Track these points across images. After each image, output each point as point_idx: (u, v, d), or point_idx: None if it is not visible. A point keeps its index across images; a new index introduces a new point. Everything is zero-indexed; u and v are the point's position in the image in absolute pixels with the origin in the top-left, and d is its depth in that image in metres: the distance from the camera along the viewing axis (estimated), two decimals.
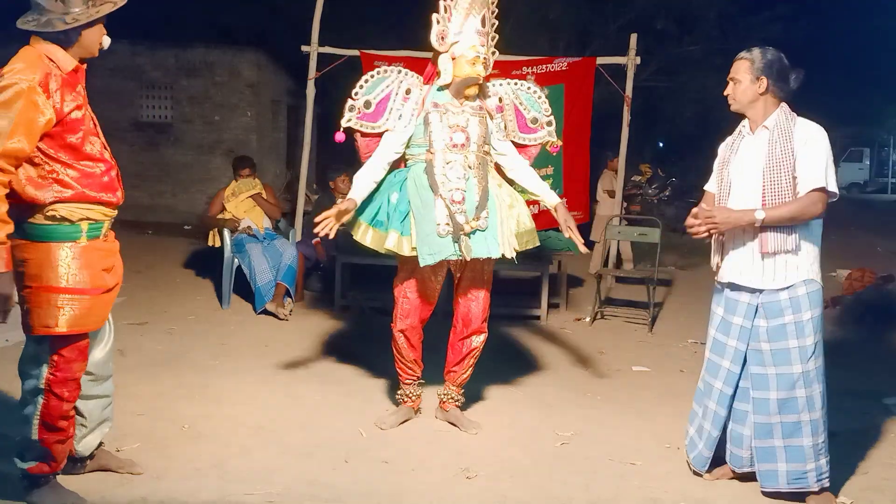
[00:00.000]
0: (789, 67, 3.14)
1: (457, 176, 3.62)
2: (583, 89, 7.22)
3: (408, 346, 3.80)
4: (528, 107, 3.89)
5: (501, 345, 5.38)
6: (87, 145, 2.74)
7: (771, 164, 3.05)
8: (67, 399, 2.78)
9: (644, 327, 6.34)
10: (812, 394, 3.06)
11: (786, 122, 3.09)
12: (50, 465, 2.82)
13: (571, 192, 7.30)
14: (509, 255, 3.66)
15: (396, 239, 3.63)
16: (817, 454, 3.07)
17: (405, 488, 3.20)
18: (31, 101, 2.54)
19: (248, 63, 12.45)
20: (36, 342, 2.75)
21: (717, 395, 3.27)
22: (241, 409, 3.99)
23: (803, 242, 3.06)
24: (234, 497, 3.04)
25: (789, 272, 3.06)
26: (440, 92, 3.69)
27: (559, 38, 11.19)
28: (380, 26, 12.24)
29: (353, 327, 5.91)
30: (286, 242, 6.52)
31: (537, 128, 3.90)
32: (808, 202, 3.00)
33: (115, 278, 2.88)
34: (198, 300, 6.59)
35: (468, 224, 3.57)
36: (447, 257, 3.57)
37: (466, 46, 3.57)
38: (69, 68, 2.69)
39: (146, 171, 12.35)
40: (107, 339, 3.03)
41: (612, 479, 3.38)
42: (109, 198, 2.79)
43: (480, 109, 3.71)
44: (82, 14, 2.65)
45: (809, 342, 3.05)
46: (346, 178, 6.90)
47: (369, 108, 3.72)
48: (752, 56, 3.14)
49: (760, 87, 3.11)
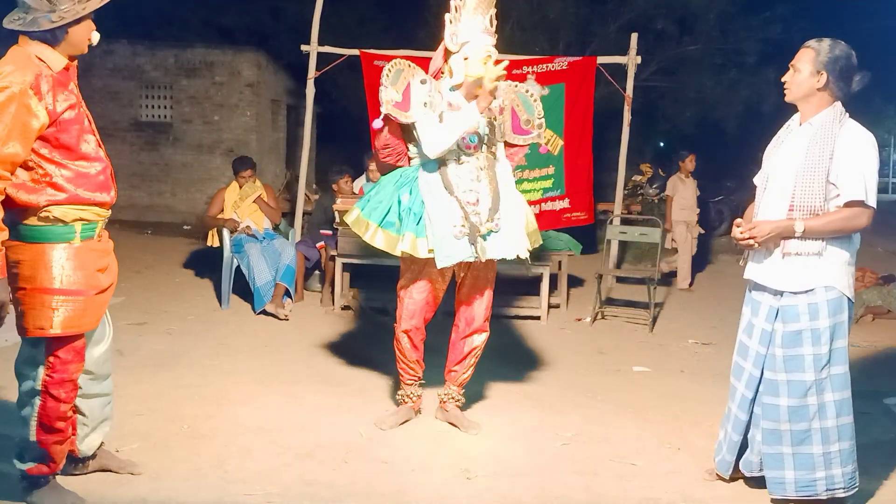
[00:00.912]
0: (855, 67, 2.98)
1: (470, 178, 3.62)
2: (583, 89, 7.22)
3: (411, 346, 3.79)
4: (524, 108, 3.88)
5: (501, 345, 5.37)
6: (83, 144, 2.72)
7: (805, 166, 2.92)
8: (65, 400, 2.77)
9: (644, 327, 6.34)
10: (824, 401, 2.96)
11: (831, 124, 2.94)
12: (49, 465, 2.81)
13: (573, 193, 7.30)
14: (524, 255, 3.67)
15: (412, 241, 3.59)
16: (829, 463, 2.96)
17: (405, 488, 3.20)
18: (23, 104, 2.51)
19: (248, 63, 12.45)
20: (32, 344, 2.73)
21: (739, 398, 3.20)
22: (241, 409, 3.98)
23: (830, 248, 2.93)
24: (234, 497, 3.04)
25: (810, 276, 2.95)
26: (453, 92, 3.67)
27: (559, 38, 11.18)
28: (380, 26, 12.25)
29: (353, 327, 5.91)
30: (285, 242, 6.52)
31: (529, 129, 3.89)
32: (849, 216, 2.88)
33: (109, 278, 2.86)
34: (197, 300, 6.58)
35: (483, 226, 3.58)
36: (465, 259, 3.58)
37: (478, 46, 3.57)
38: (59, 67, 2.66)
39: (146, 171, 12.35)
40: (105, 337, 3.02)
41: (613, 479, 3.38)
42: (103, 198, 2.77)
43: (490, 110, 3.70)
44: (68, 11, 2.60)
45: (825, 350, 2.94)
46: (349, 179, 6.91)
47: (399, 98, 3.67)
48: (820, 47, 2.97)
49: (819, 82, 2.96)
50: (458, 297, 3.85)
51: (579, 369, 5.06)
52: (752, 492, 3.27)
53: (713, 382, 4.89)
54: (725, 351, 5.67)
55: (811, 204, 2.92)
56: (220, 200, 6.63)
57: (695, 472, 3.46)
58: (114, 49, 11.87)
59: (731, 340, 5.92)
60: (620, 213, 7.71)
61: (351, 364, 4.82)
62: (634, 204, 11.90)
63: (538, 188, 7.18)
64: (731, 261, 10.28)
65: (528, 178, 7.04)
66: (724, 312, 7.05)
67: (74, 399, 2.84)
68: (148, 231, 10.63)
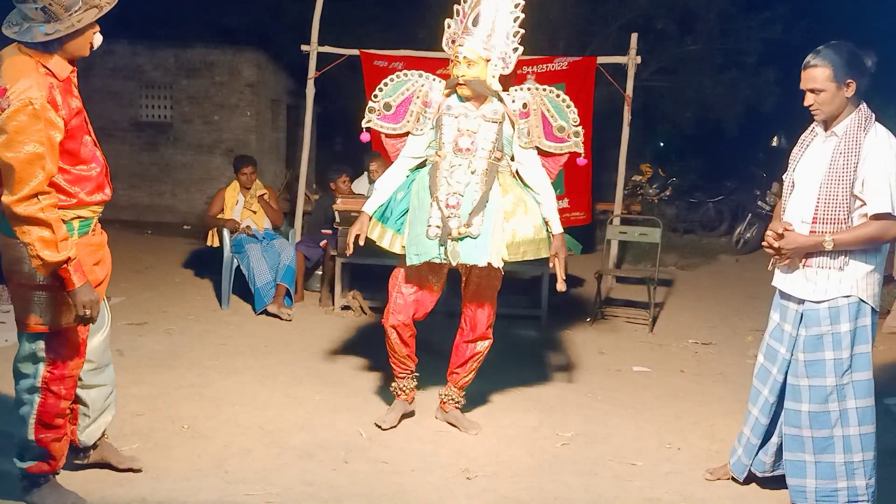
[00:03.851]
0: (864, 55, 2.93)
1: (458, 180, 3.61)
2: (583, 89, 7.21)
3: (400, 342, 3.77)
4: (556, 115, 3.81)
5: (502, 345, 5.34)
6: (83, 148, 2.73)
7: (829, 179, 2.90)
8: (64, 397, 2.78)
9: (644, 327, 6.33)
10: (846, 408, 2.95)
11: (856, 132, 2.90)
12: (49, 463, 2.82)
13: (573, 193, 7.30)
14: (496, 264, 3.59)
15: (391, 236, 3.72)
16: (851, 473, 2.94)
17: (405, 488, 3.20)
18: (47, 119, 2.52)
19: (248, 63, 12.43)
20: (31, 340, 2.74)
21: (762, 402, 3.19)
22: (241, 409, 3.99)
23: (853, 261, 2.92)
24: (234, 497, 3.04)
25: (830, 286, 2.94)
26: (454, 95, 3.70)
27: (559, 38, 11.16)
28: (380, 26, 12.23)
29: (353, 327, 5.91)
30: (285, 243, 6.52)
31: (564, 137, 3.81)
32: (878, 229, 2.85)
33: (104, 270, 2.89)
34: (197, 300, 6.58)
35: (458, 230, 3.56)
36: (431, 259, 3.58)
37: (457, 48, 3.60)
38: (65, 75, 2.66)
39: (146, 170, 12.33)
40: (104, 325, 3.03)
41: (613, 479, 3.38)
42: (102, 197, 2.81)
43: (495, 114, 3.66)
44: (62, 24, 2.57)
45: (846, 355, 2.93)
46: (347, 179, 6.91)
47: (389, 110, 3.81)
48: (829, 60, 2.89)
49: (849, 91, 2.90)
50: (464, 300, 3.85)
51: (579, 369, 5.06)
52: (752, 492, 3.28)
53: (713, 382, 4.90)
54: (725, 351, 5.72)
55: (835, 216, 2.90)
56: (220, 200, 6.62)
57: (695, 472, 3.47)
58: (114, 49, 11.84)
59: (731, 340, 6.01)
60: (620, 213, 7.71)
61: (351, 364, 4.82)
62: (634, 204, 11.91)
63: None
64: (731, 261, 10.29)
65: None
66: (725, 312, 7.07)
67: (73, 396, 2.85)
68: (148, 231, 10.63)
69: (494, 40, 3.61)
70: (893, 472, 3.42)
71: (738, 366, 5.19)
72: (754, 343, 5.66)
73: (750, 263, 9.75)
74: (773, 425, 3.18)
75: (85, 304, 2.61)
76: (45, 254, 2.51)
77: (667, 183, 12.90)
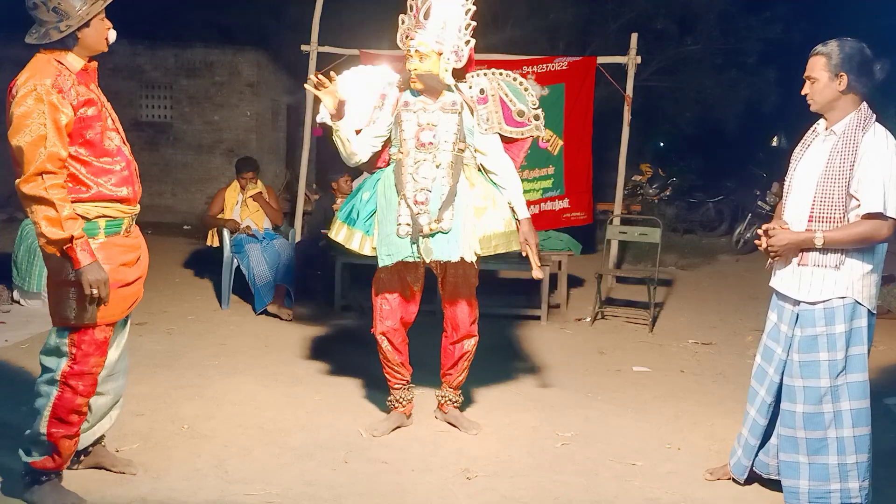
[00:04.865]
0: (871, 58, 2.90)
1: (424, 176, 3.56)
2: (583, 89, 7.22)
3: (392, 349, 3.74)
4: (514, 99, 3.77)
5: (502, 345, 5.38)
6: (106, 141, 2.82)
7: (826, 177, 2.89)
8: (81, 393, 2.81)
9: (644, 327, 6.33)
10: (841, 409, 2.94)
11: (854, 131, 2.88)
12: (55, 459, 2.84)
13: (573, 193, 7.29)
14: (469, 258, 3.56)
15: (360, 238, 3.67)
16: (844, 475, 2.93)
17: (405, 488, 3.20)
18: (50, 102, 2.63)
19: (248, 63, 12.45)
20: (58, 334, 2.80)
21: (759, 402, 3.18)
22: (240, 409, 3.99)
23: (849, 260, 2.90)
24: (234, 497, 3.04)
25: (826, 287, 2.92)
26: (410, 91, 3.67)
27: (559, 38, 11.18)
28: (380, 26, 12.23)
29: (353, 327, 5.91)
30: (285, 243, 6.52)
31: (524, 121, 3.77)
32: (870, 229, 2.83)
33: (137, 272, 2.98)
34: (197, 300, 6.58)
35: (429, 226, 3.53)
36: (404, 258, 3.55)
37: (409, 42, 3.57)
38: (78, 68, 2.78)
39: (146, 170, 12.22)
40: (121, 335, 3.08)
41: (613, 479, 3.38)
42: (125, 193, 2.85)
43: (454, 105, 3.62)
44: (74, 18, 2.71)
45: (840, 356, 2.92)
46: (348, 179, 6.90)
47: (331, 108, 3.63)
48: (829, 50, 2.91)
49: (841, 85, 2.90)
50: (443, 298, 3.81)
51: (579, 369, 5.06)
52: (752, 493, 3.27)
53: (713, 382, 4.90)
54: (725, 351, 5.71)
55: (830, 215, 2.90)
56: (220, 200, 6.62)
57: (695, 472, 3.46)
58: (114, 49, 11.66)
59: (731, 340, 6.01)
60: (620, 213, 7.71)
61: (351, 364, 4.82)
62: (634, 204, 11.92)
63: (538, 188, 7.19)
64: (731, 261, 10.29)
65: (527, 178, 7.03)
66: (725, 312, 7.07)
67: (91, 394, 2.87)
68: (148, 231, 10.54)
69: (446, 34, 3.56)
70: (893, 472, 3.42)
71: (738, 366, 5.19)
72: (754, 343, 5.65)
73: (750, 263, 9.75)
74: (771, 426, 3.17)
75: (92, 282, 2.67)
76: (50, 231, 2.61)
77: (667, 183, 12.91)
